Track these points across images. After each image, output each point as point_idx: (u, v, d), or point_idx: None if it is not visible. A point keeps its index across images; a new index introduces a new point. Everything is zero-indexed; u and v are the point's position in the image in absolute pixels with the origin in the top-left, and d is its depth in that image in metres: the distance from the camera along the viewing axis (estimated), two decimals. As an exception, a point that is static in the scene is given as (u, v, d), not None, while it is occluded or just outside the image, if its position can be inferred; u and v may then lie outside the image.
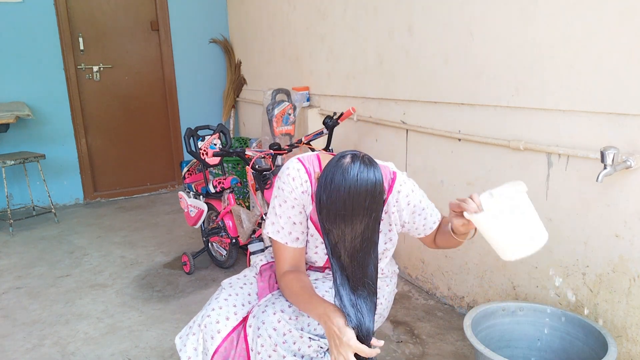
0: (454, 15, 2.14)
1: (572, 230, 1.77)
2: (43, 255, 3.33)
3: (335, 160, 1.14)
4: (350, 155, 1.13)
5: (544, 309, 1.69)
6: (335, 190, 1.09)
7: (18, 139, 4.25)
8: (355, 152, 1.15)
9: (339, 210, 1.10)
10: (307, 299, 1.23)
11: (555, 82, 1.73)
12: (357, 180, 1.09)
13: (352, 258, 1.15)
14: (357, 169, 1.10)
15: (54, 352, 2.17)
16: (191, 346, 1.35)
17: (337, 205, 1.09)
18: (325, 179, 1.12)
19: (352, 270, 1.16)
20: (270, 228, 1.37)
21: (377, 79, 2.74)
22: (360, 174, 1.09)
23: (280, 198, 1.34)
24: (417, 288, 2.65)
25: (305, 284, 1.29)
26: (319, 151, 1.42)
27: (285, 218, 1.34)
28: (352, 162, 1.11)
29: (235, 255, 2.91)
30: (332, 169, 1.12)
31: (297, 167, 1.33)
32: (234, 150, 2.39)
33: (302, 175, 1.32)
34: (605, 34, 1.55)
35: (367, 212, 1.11)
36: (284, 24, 3.79)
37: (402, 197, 1.35)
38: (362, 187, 1.09)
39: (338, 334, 1.13)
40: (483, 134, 2.09)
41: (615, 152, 1.45)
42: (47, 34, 4.25)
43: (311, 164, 1.34)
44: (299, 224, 1.35)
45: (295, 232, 1.35)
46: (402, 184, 1.35)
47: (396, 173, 1.36)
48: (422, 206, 1.38)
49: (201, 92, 5.08)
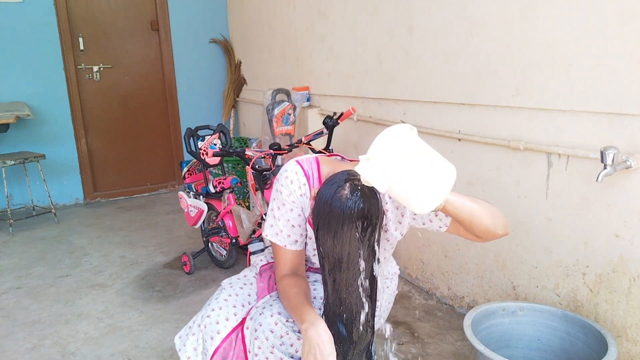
0: (454, 15, 2.14)
1: (572, 230, 1.77)
2: (43, 255, 3.33)
3: (330, 185, 1.14)
4: (349, 187, 1.12)
5: (544, 309, 1.69)
6: (327, 222, 1.12)
7: (18, 139, 4.25)
8: (352, 183, 1.13)
9: (330, 231, 1.12)
10: (297, 305, 1.22)
11: (555, 82, 1.73)
12: (354, 210, 1.10)
13: (335, 278, 1.17)
14: (354, 198, 1.10)
15: (54, 352, 2.17)
16: (191, 346, 1.35)
17: (332, 228, 1.11)
18: (322, 203, 1.14)
19: (335, 291, 1.18)
20: (268, 231, 1.36)
21: (377, 79, 2.74)
22: (357, 204, 1.10)
23: (278, 201, 1.33)
24: (417, 288, 2.65)
25: (300, 290, 1.28)
26: (317, 153, 1.41)
27: (283, 221, 1.33)
28: (351, 192, 1.11)
29: (235, 255, 2.91)
30: (329, 197, 1.13)
31: (295, 170, 1.32)
32: (234, 150, 2.39)
33: (300, 178, 1.31)
34: (605, 34, 1.55)
35: (361, 238, 1.13)
36: (284, 24, 3.79)
37: None
38: (356, 217, 1.10)
39: (320, 348, 1.11)
40: (483, 134, 2.09)
41: (615, 152, 1.45)
42: (47, 34, 4.25)
43: (310, 166, 1.34)
44: (298, 227, 1.34)
45: (294, 235, 1.34)
46: None
47: None
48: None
49: (201, 92, 5.08)
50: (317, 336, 1.12)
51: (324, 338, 1.12)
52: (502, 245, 2.08)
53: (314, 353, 1.11)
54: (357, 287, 1.17)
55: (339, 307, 1.20)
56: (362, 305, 1.19)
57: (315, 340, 1.11)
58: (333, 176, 1.17)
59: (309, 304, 1.22)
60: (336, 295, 1.19)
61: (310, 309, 1.19)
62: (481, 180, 2.14)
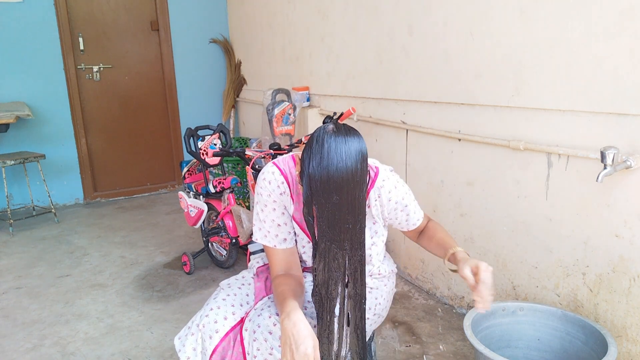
0: (454, 15, 2.14)
1: (572, 230, 1.76)
2: (43, 255, 3.33)
3: (318, 134, 1.15)
4: (332, 126, 1.16)
5: (544, 309, 1.69)
6: (327, 164, 1.11)
7: (18, 139, 4.25)
8: (334, 123, 1.17)
9: (332, 179, 1.11)
10: (281, 300, 1.22)
11: (555, 82, 1.73)
12: (346, 146, 1.12)
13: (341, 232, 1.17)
14: (343, 137, 1.13)
15: (54, 352, 2.17)
16: (190, 346, 1.35)
17: (331, 173, 1.11)
18: (314, 149, 1.13)
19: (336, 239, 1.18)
20: (257, 234, 1.39)
21: (377, 79, 2.74)
22: (348, 141, 1.13)
23: (260, 204, 1.36)
24: (417, 288, 2.65)
25: (289, 287, 1.28)
26: (293, 152, 1.42)
27: (269, 222, 1.36)
28: (336, 130, 1.14)
29: (235, 255, 2.91)
30: (319, 143, 1.13)
31: (271, 171, 1.34)
32: (234, 150, 2.39)
33: (277, 177, 1.34)
34: (605, 34, 1.55)
35: (360, 179, 1.14)
36: (284, 24, 3.79)
37: (384, 192, 1.34)
38: (352, 152, 1.13)
39: (295, 337, 1.10)
40: (483, 134, 2.09)
41: (615, 152, 1.45)
42: (47, 34, 4.25)
43: (286, 165, 1.36)
44: (284, 225, 1.37)
45: (282, 234, 1.37)
46: (385, 179, 1.35)
47: (379, 168, 1.36)
48: (405, 203, 1.38)
49: (201, 92, 5.08)
50: (292, 326, 1.11)
51: (299, 327, 1.11)
52: (502, 245, 2.08)
53: (289, 343, 1.11)
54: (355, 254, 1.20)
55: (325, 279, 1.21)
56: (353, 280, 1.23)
57: (290, 329, 1.11)
58: (311, 135, 1.18)
59: (291, 298, 1.21)
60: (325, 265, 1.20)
61: (290, 301, 1.19)
62: (481, 180, 2.14)
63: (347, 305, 1.25)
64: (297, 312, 1.14)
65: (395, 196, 1.36)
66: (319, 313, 1.25)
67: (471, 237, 2.23)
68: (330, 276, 1.21)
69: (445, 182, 2.36)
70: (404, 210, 1.39)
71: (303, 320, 1.13)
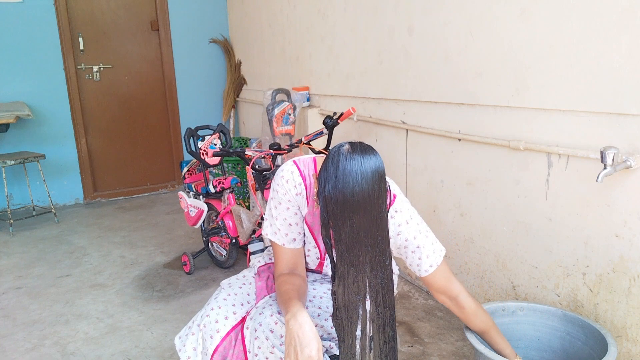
0: (454, 15, 2.14)
1: (572, 230, 1.76)
2: (43, 255, 3.33)
3: (333, 155, 1.13)
4: (347, 146, 1.13)
5: (544, 309, 1.69)
6: (342, 187, 1.08)
7: (18, 139, 4.25)
8: (350, 143, 1.14)
9: (348, 202, 1.08)
10: (285, 300, 1.21)
11: (555, 82, 1.73)
12: (362, 167, 1.09)
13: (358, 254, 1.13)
14: (359, 158, 1.10)
15: (54, 352, 2.17)
16: (190, 346, 1.35)
17: (347, 196, 1.08)
18: (329, 171, 1.11)
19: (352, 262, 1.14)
20: (268, 230, 1.39)
21: (377, 79, 2.74)
22: (364, 161, 1.10)
23: (275, 200, 1.35)
24: (417, 288, 2.65)
25: (293, 287, 1.27)
26: (317, 153, 1.41)
27: (281, 220, 1.35)
28: (352, 151, 1.11)
29: (235, 255, 2.91)
30: (335, 165, 1.11)
31: (291, 170, 1.33)
32: (234, 150, 2.39)
33: (295, 177, 1.32)
34: (605, 34, 1.55)
35: (378, 200, 1.11)
36: (284, 24, 3.79)
37: (393, 223, 1.31)
38: (369, 174, 1.09)
39: (300, 338, 1.09)
40: (483, 134, 2.09)
41: (615, 152, 1.45)
42: (47, 34, 4.25)
43: (306, 167, 1.35)
44: (295, 225, 1.36)
45: (292, 234, 1.36)
46: (398, 211, 1.32)
47: (396, 197, 1.32)
48: (417, 244, 1.33)
49: (201, 92, 5.08)
50: (298, 327, 1.10)
51: (305, 329, 1.10)
52: (502, 245, 2.08)
53: (294, 344, 1.10)
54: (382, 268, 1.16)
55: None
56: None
57: (296, 331, 1.10)
58: (328, 154, 1.15)
59: (296, 298, 1.21)
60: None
61: (295, 302, 1.18)
62: (481, 180, 2.14)
63: (370, 328, 1.20)
64: (303, 314, 1.13)
65: (405, 232, 1.32)
66: (340, 335, 1.21)
67: (471, 237, 2.24)
68: (350, 299, 1.17)
69: (445, 182, 2.36)
70: (416, 252, 1.33)
71: (309, 322, 1.12)
